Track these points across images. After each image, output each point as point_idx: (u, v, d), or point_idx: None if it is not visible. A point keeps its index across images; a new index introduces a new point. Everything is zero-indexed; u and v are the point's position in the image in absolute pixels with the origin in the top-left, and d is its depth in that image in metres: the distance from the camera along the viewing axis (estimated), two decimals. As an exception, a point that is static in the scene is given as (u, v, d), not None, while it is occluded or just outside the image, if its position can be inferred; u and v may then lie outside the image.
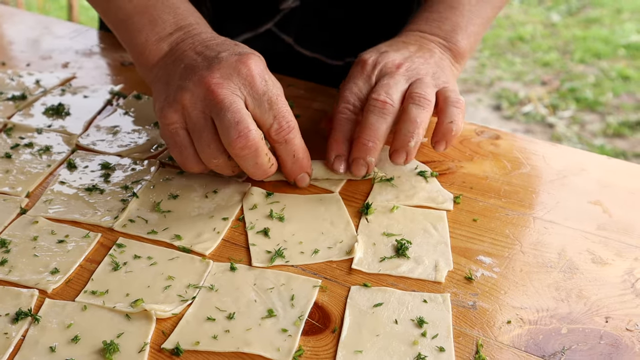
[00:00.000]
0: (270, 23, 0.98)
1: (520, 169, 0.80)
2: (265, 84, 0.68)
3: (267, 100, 0.68)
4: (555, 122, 2.87)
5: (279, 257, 0.66)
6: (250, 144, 0.66)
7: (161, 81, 0.72)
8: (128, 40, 0.77)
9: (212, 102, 0.66)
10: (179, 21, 0.75)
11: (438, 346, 0.57)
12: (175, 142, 0.70)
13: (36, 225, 0.69)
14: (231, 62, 0.68)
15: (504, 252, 0.67)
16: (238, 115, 0.66)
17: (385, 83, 0.74)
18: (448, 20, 0.82)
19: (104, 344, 0.56)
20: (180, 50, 0.73)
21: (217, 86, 0.67)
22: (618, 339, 0.58)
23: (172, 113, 0.68)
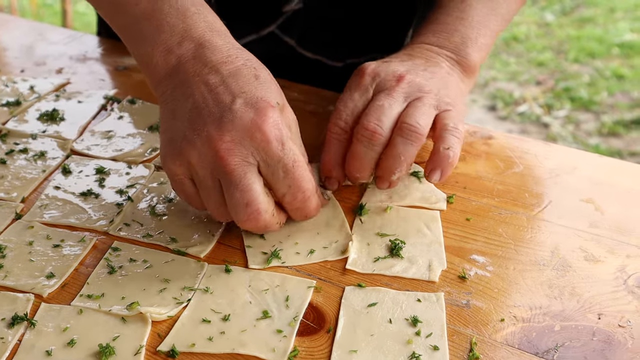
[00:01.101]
0: (273, 26, 0.98)
1: (513, 168, 0.80)
2: (282, 149, 0.61)
3: (282, 168, 0.62)
4: (551, 121, 2.88)
5: (275, 258, 0.66)
6: (260, 225, 0.63)
7: (168, 108, 0.66)
8: (134, 48, 0.70)
9: (221, 170, 0.61)
10: (188, 28, 0.67)
11: (432, 345, 0.57)
12: (182, 191, 0.66)
13: (31, 230, 0.70)
14: (245, 122, 0.61)
15: (497, 251, 0.68)
16: (248, 195, 0.61)
17: (379, 105, 0.69)
18: (457, 32, 0.78)
19: (100, 347, 0.56)
20: (189, 74, 0.65)
21: (227, 152, 0.60)
22: (611, 335, 0.58)
23: (178, 167, 0.63)
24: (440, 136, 0.70)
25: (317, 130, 0.87)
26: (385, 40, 1.04)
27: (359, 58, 1.04)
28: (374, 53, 1.05)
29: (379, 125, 0.68)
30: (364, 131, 0.68)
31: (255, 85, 0.64)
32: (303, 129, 0.86)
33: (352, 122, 0.71)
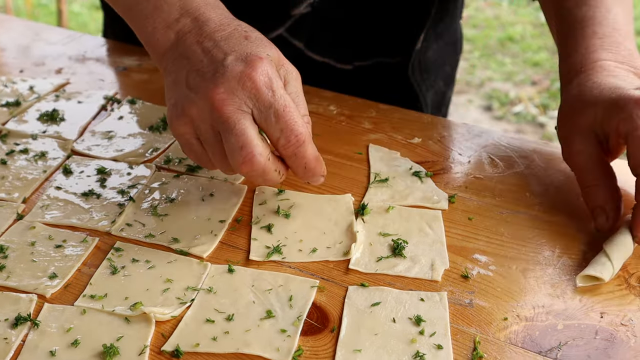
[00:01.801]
0: (281, 29, 0.98)
1: (514, 168, 0.80)
2: (273, 95, 0.64)
3: (273, 112, 0.64)
4: (546, 121, 2.89)
5: (276, 253, 0.67)
6: (256, 167, 0.65)
7: (171, 77, 0.70)
8: (138, 29, 0.74)
9: (218, 119, 0.64)
10: (185, 4, 0.71)
11: (436, 344, 0.57)
12: (190, 150, 0.69)
13: (33, 231, 0.70)
14: (236, 72, 0.64)
15: (499, 250, 0.68)
16: (242, 138, 0.63)
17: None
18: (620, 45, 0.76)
19: (103, 348, 0.56)
20: (187, 44, 0.69)
21: (222, 103, 0.64)
22: (613, 333, 0.58)
23: (182, 126, 0.66)
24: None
25: (317, 129, 0.87)
26: (395, 44, 1.04)
27: (368, 61, 1.04)
28: (382, 56, 1.05)
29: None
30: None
31: (246, 43, 0.68)
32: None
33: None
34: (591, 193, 0.71)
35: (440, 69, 1.14)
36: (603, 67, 0.74)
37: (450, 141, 0.86)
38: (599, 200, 0.70)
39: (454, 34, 1.15)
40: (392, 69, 1.06)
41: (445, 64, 1.15)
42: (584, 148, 0.72)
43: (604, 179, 0.71)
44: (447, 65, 1.16)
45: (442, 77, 1.15)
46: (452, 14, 1.10)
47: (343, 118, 0.90)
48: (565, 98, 0.76)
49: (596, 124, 0.71)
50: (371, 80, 1.05)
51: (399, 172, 0.79)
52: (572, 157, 0.73)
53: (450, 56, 1.16)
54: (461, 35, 1.18)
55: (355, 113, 0.91)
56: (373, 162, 0.81)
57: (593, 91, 0.72)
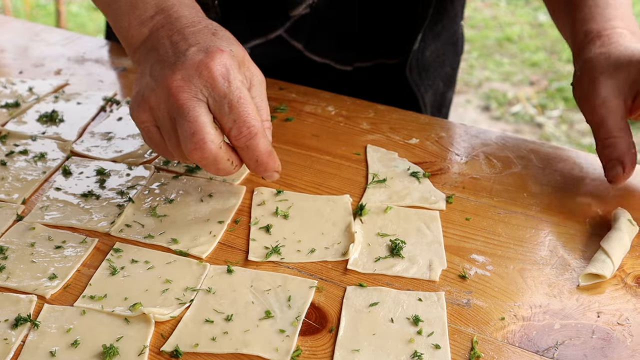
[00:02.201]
0: (281, 29, 0.98)
1: (511, 168, 0.81)
2: (228, 85, 0.66)
3: (227, 103, 0.66)
4: (544, 121, 2.90)
5: (275, 253, 0.67)
6: (207, 155, 0.65)
7: (138, 70, 0.72)
8: (115, 25, 0.76)
9: (173, 105, 0.65)
10: (161, 3, 0.73)
11: (434, 344, 0.58)
12: (149, 139, 0.70)
13: (33, 232, 0.70)
14: (195, 61, 0.66)
15: (496, 250, 0.68)
16: (194, 125, 0.65)
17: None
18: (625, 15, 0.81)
19: (103, 348, 0.56)
20: (157, 37, 0.71)
21: (178, 89, 0.65)
22: (610, 333, 0.59)
23: (142, 113, 0.68)
24: None
25: (315, 130, 0.87)
26: (394, 44, 1.04)
27: (367, 62, 1.04)
28: (382, 57, 1.05)
29: None
30: None
31: (212, 38, 0.69)
32: (302, 128, 0.87)
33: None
34: (611, 145, 0.74)
35: (440, 69, 1.14)
36: (622, 35, 0.78)
37: (447, 142, 0.86)
38: (618, 152, 0.74)
39: (454, 34, 1.15)
40: (391, 70, 1.06)
41: (445, 65, 1.16)
42: (610, 102, 0.75)
43: (625, 132, 0.75)
44: (447, 66, 1.16)
45: (442, 78, 1.16)
46: (451, 14, 1.10)
47: (341, 119, 0.91)
48: (586, 58, 0.79)
49: (628, 82, 0.75)
50: (371, 81, 1.06)
51: (396, 172, 0.80)
52: (596, 109, 0.76)
53: (451, 57, 1.17)
54: (462, 36, 1.18)
55: (353, 114, 0.92)
56: (371, 163, 0.81)
57: (626, 52, 0.76)
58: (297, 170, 0.80)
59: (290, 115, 0.91)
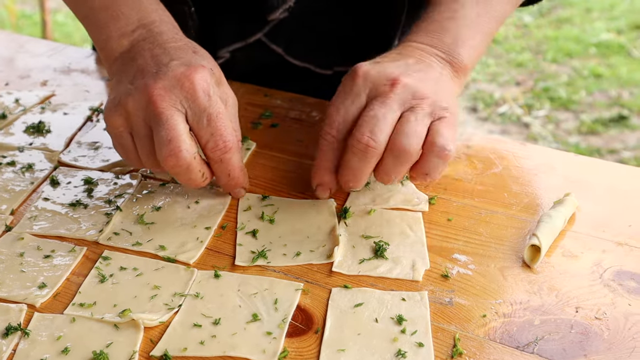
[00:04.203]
0: (260, 33, 0.99)
1: (492, 169, 0.82)
2: (209, 99, 0.68)
3: (206, 116, 0.68)
4: (531, 121, 2.92)
5: (261, 257, 0.69)
6: (181, 163, 0.67)
7: (115, 79, 0.73)
8: (93, 35, 0.78)
9: (152, 113, 0.67)
10: (142, 18, 0.75)
11: (417, 342, 0.59)
12: (120, 144, 0.72)
13: (22, 242, 0.71)
14: (177, 73, 0.68)
15: (478, 250, 0.70)
16: (172, 132, 0.66)
17: (372, 116, 0.68)
18: (448, 32, 0.77)
19: (93, 354, 0.58)
20: (138, 49, 0.73)
21: (158, 97, 0.67)
22: (588, 327, 0.60)
23: (117, 117, 0.69)
24: (424, 156, 0.69)
25: (300, 135, 0.89)
26: (373, 47, 1.05)
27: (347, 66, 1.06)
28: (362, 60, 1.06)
29: (372, 139, 0.67)
30: (358, 144, 0.68)
31: (193, 55, 0.72)
32: (287, 134, 0.89)
33: (344, 129, 0.71)
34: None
35: None
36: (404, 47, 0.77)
37: (430, 144, 0.87)
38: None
39: None
40: None
41: None
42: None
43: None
44: None
45: None
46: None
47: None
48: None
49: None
50: None
51: (380, 175, 0.81)
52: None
53: None
54: None
55: (337, 119, 0.93)
56: (355, 167, 0.82)
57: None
58: (283, 175, 0.82)
59: (276, 122, 0.92)
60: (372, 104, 0.69)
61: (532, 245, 0.68)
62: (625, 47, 3.45)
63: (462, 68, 0.77)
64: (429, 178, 0.71)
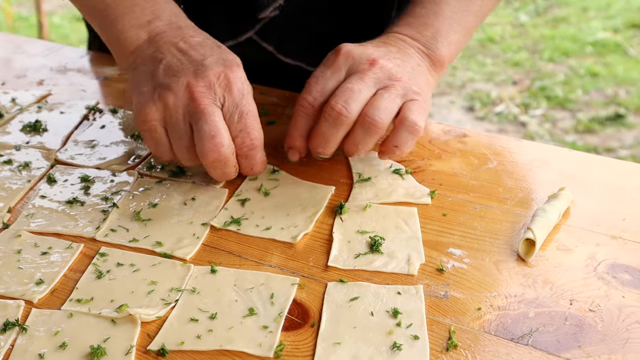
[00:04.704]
0: (251, 32, 1.00)
1: (487, 165, 0.83)
2: (242, 97, 0.72)
3: (238, 113, 0.71)
4: (528, 120, 2.93)
5: (234, 223, 0.73)
6: (222, 157, 0.71)
7: (140, 70, 0.75)
8: (106, 29, 0.79)
9: (194, 110, 0.70)
10: (157, 10, 0.77)
11: (413, 335, 0.59)
12: (152, 137, 0.73)
13: (19, 239, 0.71)
14: (217, 72, 0.71)
15: (473, 244, 0.70)
16: (215, 128, 0.70)
17: (349, 88, 0.73)
18: (430, 26, 0.81)
19: (91, 349, 0.58)
20: (160, 42, 0.75)
21: (201, 95, 0.70)
22: (582, 319, 0.61)
23: (154, 111, 0.71)
24: (395, 129, 0.74)
25: (296, 134, 0.89)
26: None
27: None
28: None
29: (345, 108, 0.72)
30: (331, 111, 0.72)
31: (220, 51, 0.75)
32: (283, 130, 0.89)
33: (320, 98, 0.75)
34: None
35: None
36: (387, 37, 0.81)
37: (425, 140, 0.88)
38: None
39: None
40: None
41: None
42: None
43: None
44: None
45: None
46: None
47: (321, 121, 0.92)
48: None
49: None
50: None
51: (379, 170, 0.82)
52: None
53: None
54: None
55: (333, 116, 0.93)
56: (353, 163, 0.83)
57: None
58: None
59: (272, 119, 0.93)
60: (350, 79, 0.74)
61: (526, 239, 0.68)
62: (621, 45, 3.47)
63: (439, 62, 0.81)
64: (398, 151, 0.75)
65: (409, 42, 0.80)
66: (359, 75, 0.74)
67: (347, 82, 0.74)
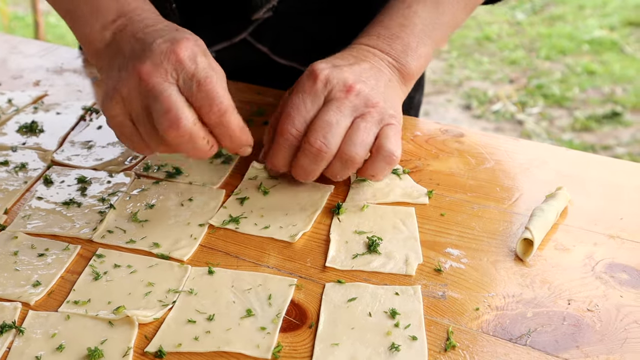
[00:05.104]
0: (245, 33, 0.99)
1: (484, 164, 0.83)
2: (196, 66, 0.68)
3: (195, 82, 0.68)
4: (525, 118, 2.93)
5: (233, 222, 0.73)
6: (182, 132, 0.67)
7: (105, 73, 0.74)
8: (76, 29, 0.78)
9: (144, 91, 0.68)
10: (121, 7, 0.76)
11: (411, 335, 0.59)
12: (122, 133, 0.72)
13: (16, 241, 0.71)
14: (162, 48, 0.68)
15: (471, 244, 0.70)
16: (167, 103, 0.66)
17: (326, 121, 0.72)
18: (399, 39, 0.81)
19: (88, 351, 0.58)
20: (121, 39, 0.73)
21: (148, 75, 0.67)
22: (580, 319, 0.61)
23: (114, 105, 0.69)
24: (372, 158, 0.74)
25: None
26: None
27: None
28: None
29: (324, 144, 0.71)
30: (310, 147, 0.72)
31: (175, 32, 0.72)
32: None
33: (302, 129, 0.74)
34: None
35: None
36: (358, 50, 0.81)
37: (422, 140, 0.88)
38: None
39: None
40: None
41: None
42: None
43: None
44: None
45: None
46: None
47: (318, 121, 0.92)
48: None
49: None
50: None
51: (376, 171, 0.81)
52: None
53: None
54: None
55: (330, 116, 0.93)
56: (349, 163, 0.83)
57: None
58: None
59: (268, 119, 0.92)
60: (328, 108, 0.73)
61: (524, 238, 0.68)
62: (618, 43, 3.47)
63: (409, 75, 0.81)
64: (374, 179, 0.75)
65: (379, 55, 0.80)
66: (337, 105, 0.73)
67: (325, 113, 0.73)
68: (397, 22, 0.82)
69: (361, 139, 0.72)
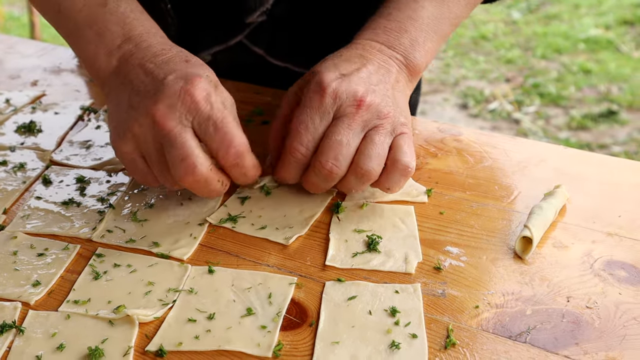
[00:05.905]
0: (240, 36, 0.99)
1: (483, 163, 0.83)
2: (211, 108, 0.67)
3: (212, 124, 0.67)
4: (521, 117, 2.94)
5: (230, 221, 0.73)
6: (198, 178, 0.67)
7: (113, 102, 0.72)
8: (79, 52, 0.77)
9: (159, 134, 0.67)
10: (128, 32, 0.74)
11: (411, 333, 0.59)
12: (134, 169, 0.71)
13: (15, 240, 0.71)
14: (176, 90, 0.67)
15: (470, 242, 0.70)
16: (183, 150, 0.66)
17: (337, 141, 0.70)
18: (407, 33, 0.79)
19: (89, 350, 0.58)
20: (128, 68, 0.72)
21: (162, 118, 0.66)
22: (579, 316, 0.61)
23: (126, 143, 0.69)
24: (388, 172, 0.72)
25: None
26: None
27: None
28: None
29: (335, 165, 0.70)
30: (322, 168, 0.70)
31: (186, 65, 0.71)
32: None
33: (312, 147, 0.72)
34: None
35: None
36: (364, 47, 0.78)
37: (420, 139, 0.88)
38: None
39: None
40: None
41: None
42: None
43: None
44: None
45: None
46: None
47: (317, 120, 0.92)
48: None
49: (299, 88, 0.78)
50: None
51: (375, 170, 0.82)
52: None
53: None
54: None
55: (328, 115, 0.93)
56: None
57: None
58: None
59: (267, 119, 0.93)
60: (338, 126, 0.71)
61: (523, 236, 0.69)
62: (613, 42, 3.48)
63: (416, 71, 0.79)
64: (390, 192, 0.74)
65: (387, 52, 0.77)
66: (347, 123, 0.70)
67: (335, 132, 0.70)
68: (406, 15, 0.80)
69: (376, 153, 0.71)
